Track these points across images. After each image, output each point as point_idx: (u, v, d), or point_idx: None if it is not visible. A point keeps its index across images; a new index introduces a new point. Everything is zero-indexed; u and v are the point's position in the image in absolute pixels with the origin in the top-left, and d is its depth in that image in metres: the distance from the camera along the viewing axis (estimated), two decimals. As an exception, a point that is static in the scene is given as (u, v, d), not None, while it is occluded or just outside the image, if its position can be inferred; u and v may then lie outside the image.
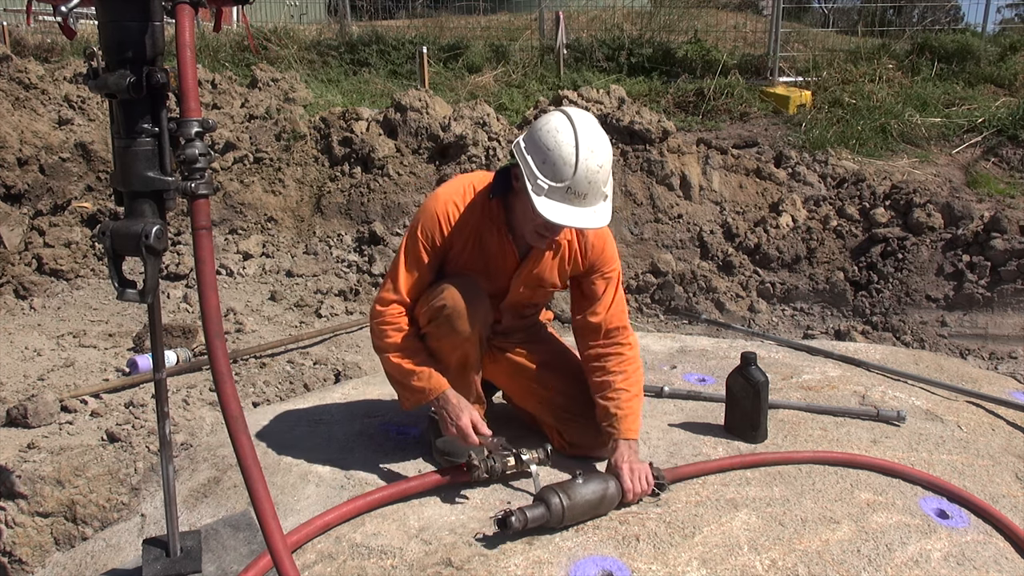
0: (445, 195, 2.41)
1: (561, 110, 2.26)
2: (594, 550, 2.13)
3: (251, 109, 6.78)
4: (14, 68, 6.25)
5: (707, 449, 2.73)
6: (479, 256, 2.43)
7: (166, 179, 1.78)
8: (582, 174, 2.15)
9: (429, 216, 2.37)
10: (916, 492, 2.47)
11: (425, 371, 2.35)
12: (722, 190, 6.04)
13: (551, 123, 2.20)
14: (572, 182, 2.16)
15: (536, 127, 2.23)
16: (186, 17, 1.69)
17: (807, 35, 10.02)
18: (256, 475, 1.70)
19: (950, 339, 4.95)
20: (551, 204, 2.16)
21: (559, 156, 2.15)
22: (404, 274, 2.37)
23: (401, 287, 2.37)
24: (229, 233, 5.74)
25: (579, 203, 2.19)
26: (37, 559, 2.47)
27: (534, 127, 2.24)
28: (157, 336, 1.99)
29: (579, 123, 2.18)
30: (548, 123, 2.21)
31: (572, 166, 2.14)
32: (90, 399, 3.35)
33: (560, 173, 2.16)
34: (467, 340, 2.41)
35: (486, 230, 2.41)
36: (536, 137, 2.21)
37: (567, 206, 2.18)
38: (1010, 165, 6.69)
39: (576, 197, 2.18)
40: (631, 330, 2.55)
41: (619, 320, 2.51)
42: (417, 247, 2.37)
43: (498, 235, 2.42)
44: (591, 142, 2.16)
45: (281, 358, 4.00)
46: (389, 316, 2.38)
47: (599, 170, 2.18)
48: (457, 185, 2.44)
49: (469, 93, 8.03)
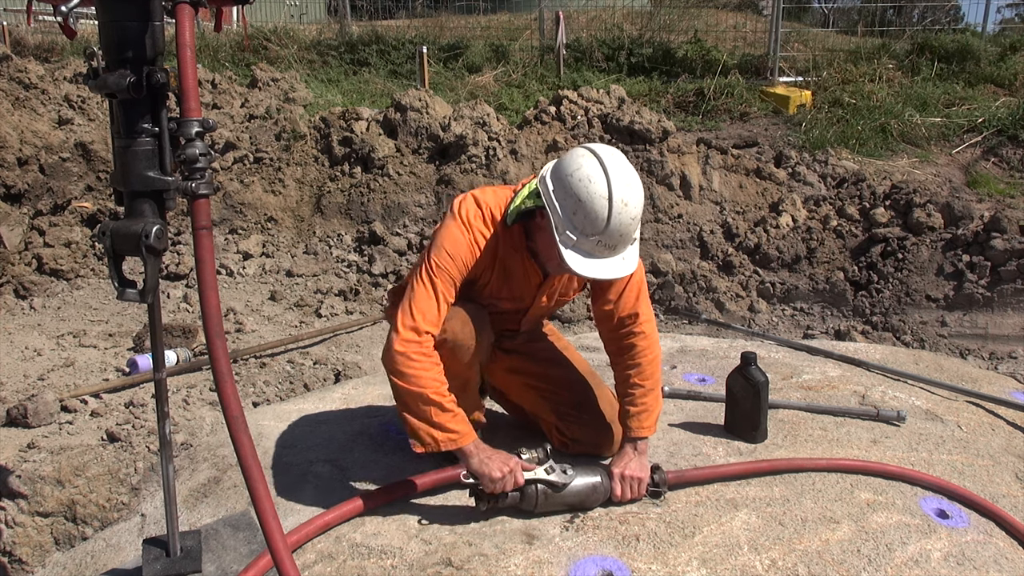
0: (468, 229, 2.28)
1: (592, 151, 2.12)
2: (594, 550, 2.13)
3: (251, 109, 6.78)
4: (14, 68, 6.25)
5: (707, 449, 2.73)
6: (504, 281, 2.39)
7: (166, 179, 1.78)
8: (614, 228, 2.05)
9: (455, 254, 2.25)
10: (916, 492, 2.47)
11: (461, 413, 2.21)
12: (722, 190, 6.04)
13: (583, 170, 2.06)
14: (603, 236, 2.06)
15: (566, 171, 2.09)
16: (186, 17, 1.69)
17: (807, 35, 10.02)
18: (256, 475, 1.70)
19: (950, 339, 4.95)
20: (579, 257, 2.08)
21: (591, 209, 2.03)
22: (434, 305, 2.21)
23: (432, 319, 2.20)
24: (229, 233, 5.74)
25: (608, 254, 2.11)
26: (37, 559, 2.47)
27: (564, 171, 2.11)
28: (157, 336, 1.99)
29: (612, 172, 2.05)
30: (579, 170, 2.07)
31: (604, 220, 2.04)
32: (90, 399, 3.35)
33: (592, 227, 2.05)
34: (468, 367, 2.40)
35: (509, 257, 2.34)
36: (566, 183, 2.07)
37: (595, 258, 2.09)
38: (1010, 165, 6.69)
39: (606, 249, 2.09)
40: (647, 316, 2.47)
41: (632, 307, 2.43)
42: (444, 280, 2.23)
43: (521, 260, 2.36)
44: (625, 194, 2.05)
45: (281, 358, 4.00)
46: (426, 347, 2.18)
47: (632, 222, 2.09)
48: (477, 214, 2.31)
49: (469, 93, 8.03)
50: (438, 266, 2.23)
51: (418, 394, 2.15)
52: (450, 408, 2.17)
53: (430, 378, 2.16)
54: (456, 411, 2.18)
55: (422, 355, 2.16)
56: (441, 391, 2.16)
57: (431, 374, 2.16)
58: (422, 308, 2.19)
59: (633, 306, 2.44)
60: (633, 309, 2.44)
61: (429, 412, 2.15)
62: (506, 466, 2.19)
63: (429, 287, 2.21)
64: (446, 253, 2.24)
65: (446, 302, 2.23)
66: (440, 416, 2.16)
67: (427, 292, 2.21)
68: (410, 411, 2.18)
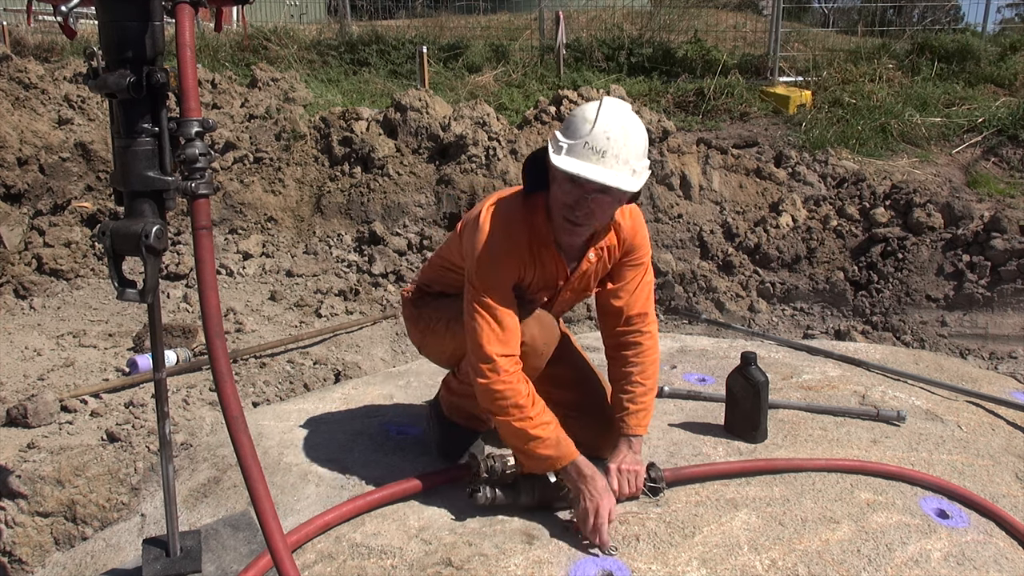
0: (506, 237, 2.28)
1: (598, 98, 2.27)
2: (594, 550, 2.13)
3: (251, 109, 6.78)
4: (14, 68, 6.25)
5: (707, 449, 2.73)
6: (542, 276, 2.39)
7: (166, 179, 1.78)
8: (600, 130, 2.09)
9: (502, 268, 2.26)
10: (916, 492, 2.47)
11: (552, 438, 2.22)
12: (722, 190, 6.04)
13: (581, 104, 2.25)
14: (589, 137, 2.09)
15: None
16: (186, 17, 1.69)
17: (807, 35, 10.03)
18: (256, 475, 1.70)
19: (950, 339, 4.95)
20: (569, 160, 2.11)
21: (580, 115, 2.14)
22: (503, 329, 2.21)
23: (510, 339, 2.21)
24: (229, 233, 5.74)
25: (598, 161, 2.11)
26: (37, 559, 2.47)
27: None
28: (157, 336, 1.99)
29: (608, 99, 2.19)
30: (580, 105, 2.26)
31: (590, 123, 2.11)
32: (90, 399, 3.35)
33: (580, 130, 2.12)
34: (535, 371, 2.41)
35: (544, 251, 2.36)
36: (567, 117, 2.23)
37: (583, 162, 2.11)
38: (1010, 165, 6.69)
39: (594, 153, 2.10)
40: (653, 317, 2.52)
41: (641, 306, 2.47)
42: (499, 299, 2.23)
43: (550, 252, 2.38)
44: (614, 110, 2.14)
45: (281, 358, 4.00)
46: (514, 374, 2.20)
47: (622, 133, 2.11)
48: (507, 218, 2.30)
49: (469, 93, 8.03)
50: (491, 295, 2.22)
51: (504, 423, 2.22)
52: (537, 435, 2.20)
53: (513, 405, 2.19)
54: (545, 436, 2.21)
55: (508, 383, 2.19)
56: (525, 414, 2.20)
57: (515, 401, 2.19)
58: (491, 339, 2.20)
59: (643, 305, 2.48)
60: (643, 308, 2.48)
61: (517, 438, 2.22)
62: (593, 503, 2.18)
63: (489, 318, 2.22)
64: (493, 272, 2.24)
65: (510, 318, 2.23)
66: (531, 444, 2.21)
67: (491, 323, 2.21)
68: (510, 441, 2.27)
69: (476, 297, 2.23)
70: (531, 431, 2.19)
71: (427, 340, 2.62)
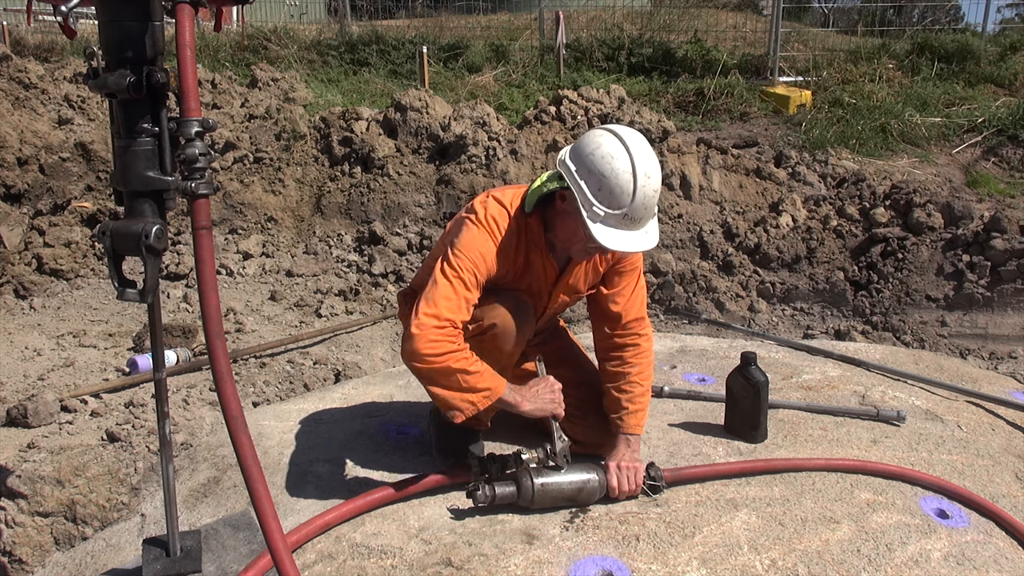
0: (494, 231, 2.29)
1: (610, 131, 2.19)
2: (594, 550, 2.13)
3: (251, 109, 6.78)
4: (14, 68, 6.24)
5: (707, 449, 2.73)
6: (524, 275, 2.41)
7: (166, 179, 1.78)
8: (639, 201, 2.12)
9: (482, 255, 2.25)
10: (916, 492, 2.47)
11: (486, 369, 2.22)
12: (722, 190, 6.04)
13: (603, 148, 2.13)
14: (629, 209, 2.12)
15: (587, 151, 2.15)
16: (186, 17, 1.69)
17: (807, 35, 10.02)
18: (256, 475, 1.70)
19: (950, 339, 4.95)
20: (607, 231, 2.13)
21: (616, 184, 2.10)
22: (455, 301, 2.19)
23: (453, 311, 2.18)
24: (229, 233, 5.74)
25: (634, 227, 2.17)
26: (37, 559, 2.47)
27: (584, 150, 2.16)
28: (157, 336, 1.99)
29: (633, 148, 2.13)
30: (600, 148, 2.14)
31: (630, 194, 2.11)
32: (90, 399, 3.35)
33: (618, 201, 2.11)
34: (509, 357, 2.41)
35: (531, 251, 2.37)
36: (589, 163, 2.14)
37: (622, 231, 2.15)
38: (1010, 165, 6.69)
39: (632, 222, 2.16)
40: (648, 321, 2.57)
41: (639, 311, 2.52)
42: (467, 275, 2.22)
43: (540, 256, 2.39)
44: (647, 167, 2.13)
45: (281, 358, 4.00)
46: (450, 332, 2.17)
47: (654, 194, 2.16)
48: (501, 212, 2.32)
49: (469, 93, 8.03)
50: (462, 267, 2.21)
51: (441, 369, 2.14)
52: (475, 369, 2.17)
53: (449, 352, 2.14)
54: (481, 369, 2.18)
55: (440, 334, 2.14)
56: (461, 357, 2.16)
57: (449, 348, 2.14)
58: (444, 298, 2.18)
59: (639, 309, 2.52)
60: (639, 313, 2.52)
61: (457, 380, 2.16)
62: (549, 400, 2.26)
63: (452, 284, 2.20)
64: (472, 255, 2.23)
65: (467, 303, 2.22)
66: (468, 379, 2.17)
67: (450, 288, 2.19)
68: (439, 386, 2.18)
69: (449, 266, 2.22)
70: (470, 367, 2.16)
71: None
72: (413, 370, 2.20)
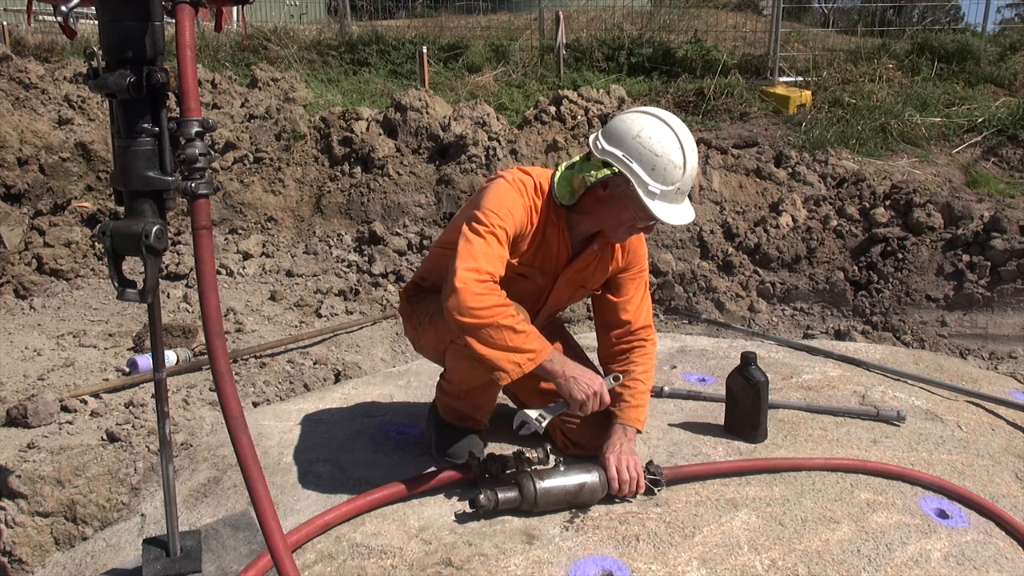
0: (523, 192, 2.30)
1: (646, 112, 2.25)
2: (594, 550, 2.13)
3: (251, 109, 6.78)
4: (14, 68, 6.25)
5: (707, 449, 2.73)
6: (538, 251, 2.40)
7: (166, 179, 1.78)
8: (688, 174, 2.22)
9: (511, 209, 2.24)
10: (916, 492, 2.47)
11: (533, 331, 2.16)
12: (722, 190, 6.04)
13: (648, 129, 2.19)
14: (681, 183, 2.21)
15: (631, 133, 2.19)
16: (186, 17, 1.69)
17: (807, 35, 10.02)
18: (256, 475, 1.70)
19: (950, 339, 4.95)
20: (665, 207, 2.21)
21: (669, 161, 2.18)
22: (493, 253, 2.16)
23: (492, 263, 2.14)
24: (229, 233, 5.74)
25: (680, 200, 2.26)
26: (37, 559, 2.47)
27: (628, 134, 2.19)
28: (157, 336, 1.99)
29: (674, 125, 2.22)
30: (645, 129, 2.19)
31: (682, 168, 2.20)
32: (90, 399, 3.35)
33: (671, 176, 2.19)
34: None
35: (550, 226, 2.38)
36: (636, 145, 2.18)
37: (674, 206, 2.23)
38: (1010, 165, 6.69)
39: (680, 195, 2.24)
40: (654, 327, 2.63)
41: (646, 319, 2.58)
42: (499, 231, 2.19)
43: (558, 233, 2.40)
44: (690, 141, 2.23)
45: (281, 358, 4.00)
46: (492, 286, 2.12)
47: (696, 167, 2.28)
48: (529, 181, 2.34)
49: (469, 93, 8.03)
50: (493, 223, 2.19)
51: (489, 324, 2.07)
52: (522, 328, 2.12)
53: (496, 305, 2.09)
54: (528, 329, 2.14)
55: (484, 287, 2.09)
56: (508, 313, 2.10)
57: (496, 301, 2.10)
58: (481, 253, 2.14)
59: (647, 317, 2.58)
60: (647, 320, 2.58)
61: (504, 338, 2.09)
62: (590, 387, 2.18)
63: (485, 239, 2.16)
64: (501, 210, 2.22)
65: (501, 260, 2.18)
66: (516, 338, 2.10)
67: (484, 243, 2.16)
68: (485, 343, 2.09)
69: (479, 223, 2.19)
70: (517, 325, 2.11)
71: (418, 335, 2.64)
72: (457, 325, 2.09)
